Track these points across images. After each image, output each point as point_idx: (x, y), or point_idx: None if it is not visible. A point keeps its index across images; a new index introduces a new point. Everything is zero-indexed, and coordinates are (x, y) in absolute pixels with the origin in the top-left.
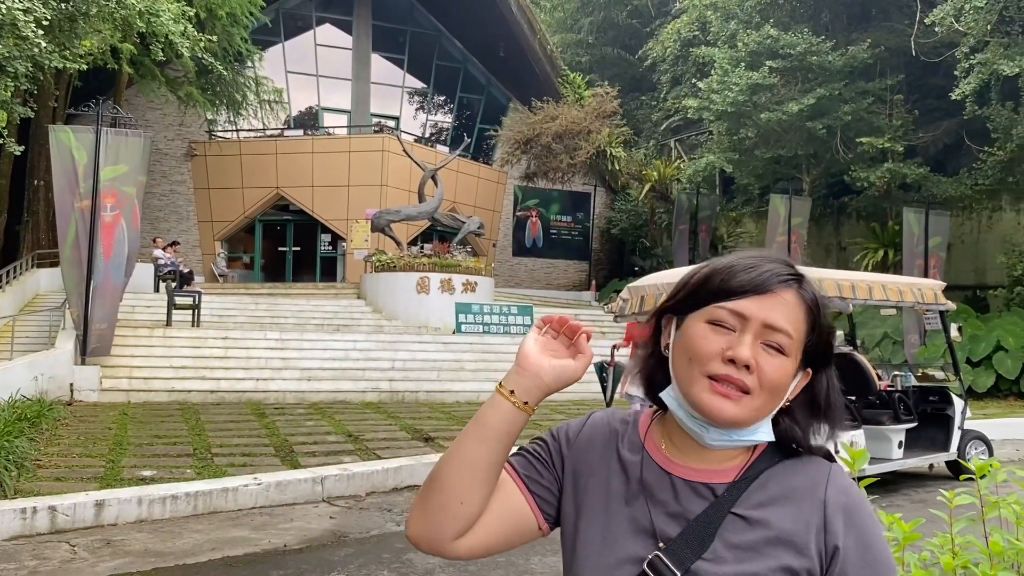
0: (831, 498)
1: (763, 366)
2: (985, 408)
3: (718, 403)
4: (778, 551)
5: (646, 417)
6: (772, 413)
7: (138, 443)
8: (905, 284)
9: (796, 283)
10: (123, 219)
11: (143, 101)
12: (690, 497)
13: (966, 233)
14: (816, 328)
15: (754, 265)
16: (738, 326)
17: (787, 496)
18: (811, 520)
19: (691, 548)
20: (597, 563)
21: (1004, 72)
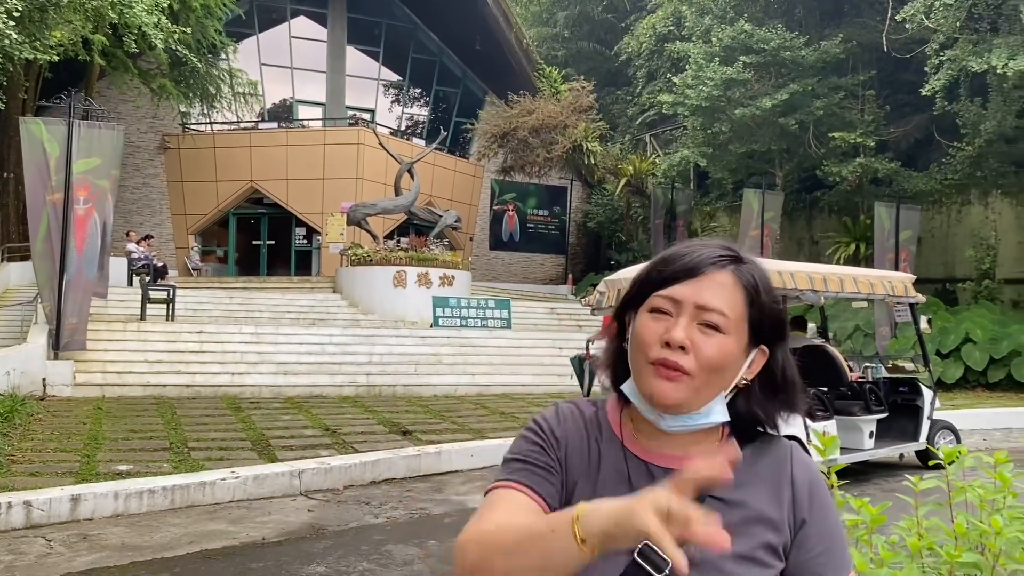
0: (798, 475)
1: (699, 345)
2: (954, 399)
3: (660, 387)
4: (758, 529)
5: (613, 406)
6: (723, 393)
7: (113, 438)
8: (876, 277)
9: (731, 264)
10: (96, 213)
11: (115, 93)
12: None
13: (936, 227)
14: (756, 305)
15: (688, 252)
16: (674, 310)
17: (759, 476)
18: (783, 497)
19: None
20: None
21: (973, 68)
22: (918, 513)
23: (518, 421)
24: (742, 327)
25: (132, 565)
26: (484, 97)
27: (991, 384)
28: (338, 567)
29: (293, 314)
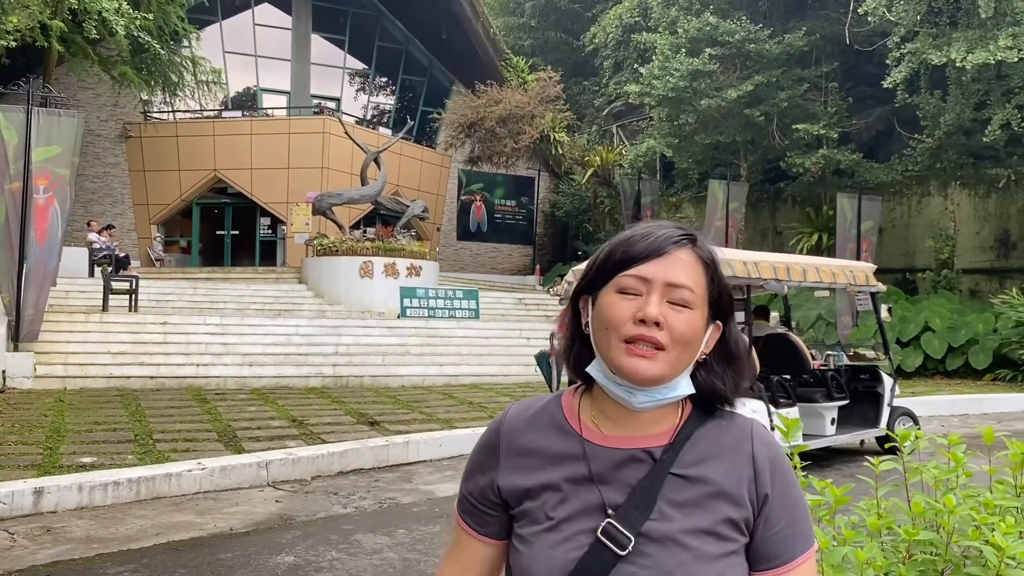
0: (758, 451)
1: (672, 321)
2: (913, 386)
3: (635, 363)
4: (718, 504)
5: (568, 398)
6: (689, 366)
7: (76, 430)
8: (838, 267)
9: (690, 243)
10: (56, 202)
11: (74, 80)
12: (631, 465)
13: (896, 218)
14: (714, 280)
15: (649, 232)
16: (643, 289)
17: (720, 453)
18: (743, 473)
19: (639, 511)
20: (546, 547)
21: (933, 61)
22: (877, 494)
23: (486, 411)
24: (704, 303)
25: (98, 557)
26: (451, 87)
27: (949, 372)
28: (307, 556)
29: (258, 305)
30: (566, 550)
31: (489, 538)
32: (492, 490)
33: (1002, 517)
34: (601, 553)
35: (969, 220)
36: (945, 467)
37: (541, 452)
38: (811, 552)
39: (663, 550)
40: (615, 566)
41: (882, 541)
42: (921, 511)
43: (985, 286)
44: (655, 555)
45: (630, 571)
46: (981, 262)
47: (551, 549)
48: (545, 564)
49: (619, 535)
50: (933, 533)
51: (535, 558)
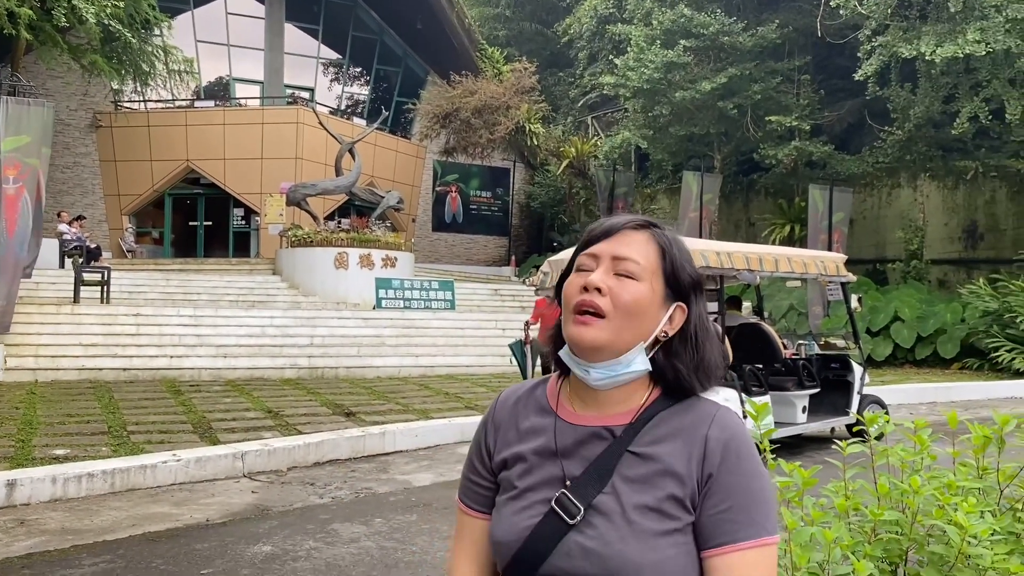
0: (712, 434)
1: (615, 289)
2: (883, 375)
3: (579, 330)
4: (665, 481)
5: (553, 381)
6: (642, 342)
7: (49, 422)
8: (809, 257)
9: (647, 228)
10: (26, 192)
11: (43, 69)
12: (593, 442)
13: (867, 209)
14: (668, 258)
15: (608, 220)
16: (593, 264)
17: (675, 434)
18: (693, 453)
19: (592, 484)
20: (510, 512)
21: (903, 54)
22: (845, 476)
23: (462, 401)
24: (657, 278)
25: (73, 549)
26: (426, 77)
27: (918, 360)
28: (284, 546)
29: (232, 296)
30: (525, 517)
31: (479, 512)
32: (485, 464)
33: (964, 498)
34: (553, 521)
35: (938, 211)
36: (911, 450)
37: (520, 427)
38: (762, 542)
39: (608, 523)
40: (566, 535)
41: (849, 522)
42: (886, 492)
43: (953, 276)
44: (600, 527)
45: (577, 540)
46: (949, 253)
47: (513, 516)
48: (506, 528)
49: (571, 505)
50: (898, 513)
51: (499, 523)
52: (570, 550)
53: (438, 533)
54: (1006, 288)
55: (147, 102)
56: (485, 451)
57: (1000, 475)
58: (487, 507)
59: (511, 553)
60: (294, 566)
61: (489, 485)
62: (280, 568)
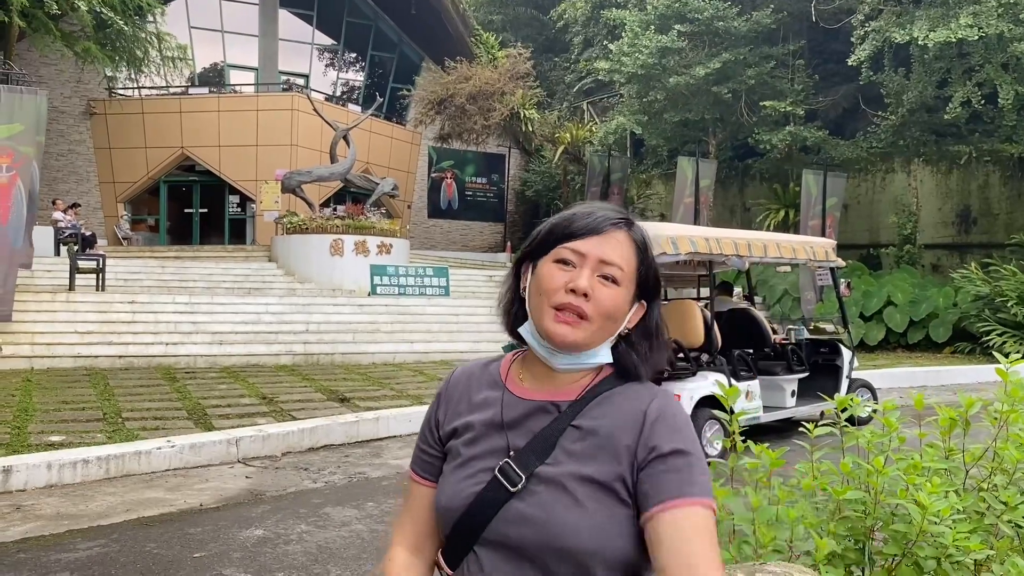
0: (651, 411)
1: (598, 295)
2: (875, 360)
3: (561, 329)
4: (604, 455)
5: (508, 359)
6: (611, 338)
7: (44, 409)
8: (799, 243)
9: (626, 225)
10: (20, 180)
11: (36, 56)
12: (538, 415)
13: (861, 194)
14: (644, 262)
15: (590, 212)
16: (578, 262)
17: (617, 411)
18: (633, 429)
19: (536, 455)
20: (455, 480)
21: (896, 40)
22: (813, 457)
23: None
24: (632, 281)
25: (68, 533)
26: (421, 63)
27: (911, 345)
28: (277, 530)
29: (228, 283)
30: (469, 484)
31: (432, 480)
32: (434, 435)
33: (929, 478)
34: (496, 489)
35: (931, 196)
36: (879, 432)
37: (470, 400)
38: (701, 501)
39: (548, 491)
40: (507, 502)
41: (815, 501)
42: (849, 472)
43: (946, 261)
44: (540, 494)
45: (518, 507)
46: (943, 237)
47: (458, 483)
48: (450, 494)
49: (513, 474)
50: (862, 492)
51: (444, 489)
52: (511, 516)
53: None
54: (998, 272)
55: (141, 89)
56: (435, 423)
57: (967, 456)
58: (434, 475)
59: (454, 518)
60: (286, 549)
61: (437, 454)
62: (272, 551)
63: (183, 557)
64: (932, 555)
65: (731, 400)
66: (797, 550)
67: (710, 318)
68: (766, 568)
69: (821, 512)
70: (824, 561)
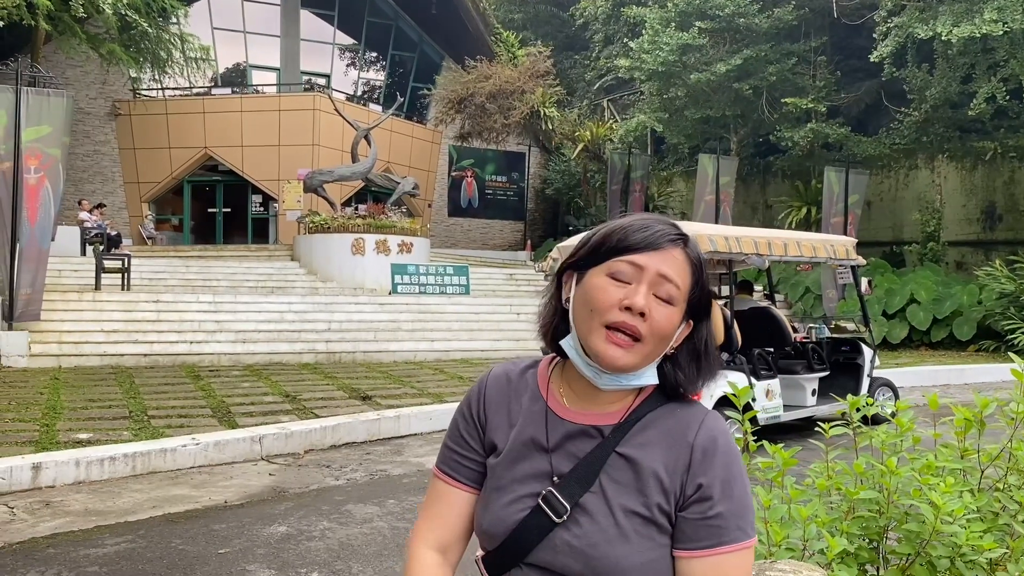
0: (699, 442)
1: (654, 315)
2: (898, 358)
3: (612, 351)
4: (650, 487)
5: (544, 367)
6: (658, 359)
7: (72, 407)
8: (819, 241)
9: (683, 242)
10: (47, 181)
11: (62, 58)
12: (581, 439)
13: (884, 191)
14: (699, 283)
15: (647, 225)
16: (635, 277)
17: (662, 438)
18: (679, 459)
19: (579, 484)
20: (497, 501)
21: (919, 35)
22: (827, 457)
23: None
24: (685, 301)
25: (96, 529)
26: (441, 62)
27: (934, 343)
28: (299, 526)
29: (251, 282)
30: (513, 511)
31: (466, 484)
32: (475, 438)
33: (943, 478)
34: (540, 517)
35: (956, 193)
36: (892, 432)
37: (509, 410)
38: (744, 545)
39: (594, 523)
40: (552, 531)
41: (829, 500)
42: (862, 472)
43: (971, 258)
44: (586, 527)
45: (563, 537)
46: (967, 234)
47: (501, 509)
48: (493, 520)
49: (557, 503)
50: (875, 492)
51: (486, 514)
52: (556, 545)
53: None
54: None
55: (165, 90)
56: (478, 425)
57: (983, 456)
58: (469, 480)
59: (498, 542)
60: (308, 545)
61: (476, 458)
62: (295, 547)
63: (208, 553)
64: (946, 555)
65: (743, 399)
66: (810, 549)
67: (730, 317)
68: (776, 566)
69: (835, 511)
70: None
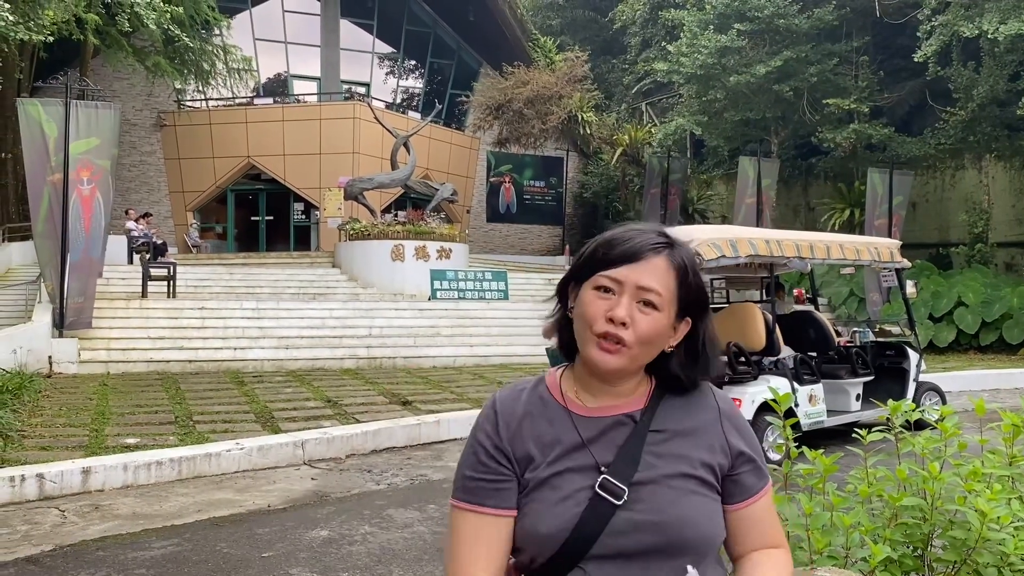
0: (722, 407)
1: (638, 322)
2: (946, 362)
3: (602, 357)
4: (690, 450)
5: (552, 378)
6: (651, 358)
7: (120, 412)
8: (862, 243)
9: (666, 249)
10: (98, 192)
11: (110, 71)
12: (616, 428)
13: (930, 192)
14: (685, 284)
15: (629, 237)
16: (617, 290)
17: (689, 409)
18: (711, 424)
19: (628, 465)
20: (549, 506)
21: (964, 34)
22: (867, 464)
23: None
24: (672, 304)
25: (143, 532)
26: (479, 69)
27: (983, 347)
28: (341, 531)
29: (293, 289)
30: (568, 507)
31: (505, 510)
32: (502, 458)
33: (989, 484)
34: (600, 505)
35: (1004, 193)
36: (935, 438)
37: (533, 432)
38: (769, 485)
39: (653, 493)
40: (614, 514)
41: (871, 507)
42: (905, 478)
43: (1021, 260)
44: (647, 498)
45: (628, 516)
46: (1017, 235)
47: (554, 507)
48: (550, 521)
49: (614, 487)
50: (918, 499)
51: (539, 516)
52: (621, 527)
53: None
54: None
55: (208, 100)
56: (500, 447)
57: None
58: (505, 503)
59: (559, 544)
60: (350, 550)
61: (507, 478)
62: (336, 551)
63: (252, 556)
64: (993, 563)
65: (783, 404)
66: (853, 556)
67: (772, 321)
68: (816, 573)
69: (877, 519)
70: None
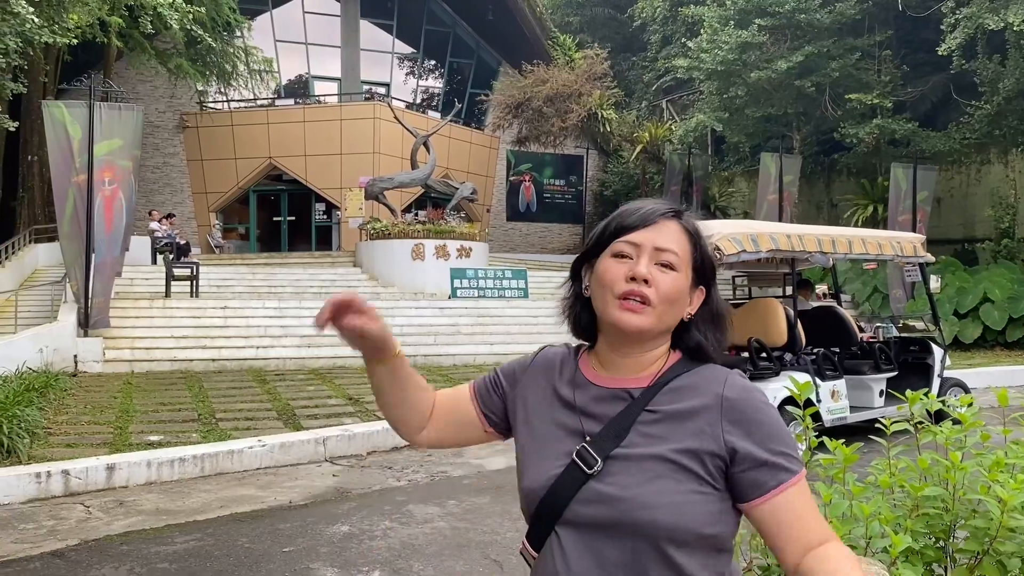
0: (727, 394)
1: (658, 280)
2: (971, 358)
3: (627, 316)
4: (679, 435)
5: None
6: (675, 321)
7: (144, 410)
8: (885, 238)
9: (675, 216)
10: (121, 193)
11: (133, 73)
12: (612, 402)
13: (955, 187)
14: (698, 248)
15: (641, 206)
16: (635, 253)
17: (691, 393)
18: (710, 411)
19: (611, 439)
20: (536, 460)
21: (989, 26)
22: (889, 454)
23: None
24: (688, 267)
25: (167, 528)
26: (498, 67)
27: (1010, 343)
28: (362, 526)
29: (315, 288)
30: (549, 467)
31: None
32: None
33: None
34: (574, 471)
35: None
36: (956, 428)
37: (550, 381)
38: (794, 480)
39: (624, 470)
40: (585, 483)
41: (893, 498)
42: (927, 468)
43: None
44: (618, 474)
45: (595, 487)
46: None
47: (538, 465)
48: (533, 477)
49: (589, 457)
50: (940, 489)
51: (527, 471)
52: (588, 496)
53: (509, 514)
54: None
55: (230, 102)
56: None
57: None
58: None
59: (538, 500)
60: (370, 545)
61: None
62: (357, 547)
63: (273, 551)
64: (1016, 552)
65: (803, 395)
66: (873, 547)
67: (793, 316)
68: None
69: (898, 509)
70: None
